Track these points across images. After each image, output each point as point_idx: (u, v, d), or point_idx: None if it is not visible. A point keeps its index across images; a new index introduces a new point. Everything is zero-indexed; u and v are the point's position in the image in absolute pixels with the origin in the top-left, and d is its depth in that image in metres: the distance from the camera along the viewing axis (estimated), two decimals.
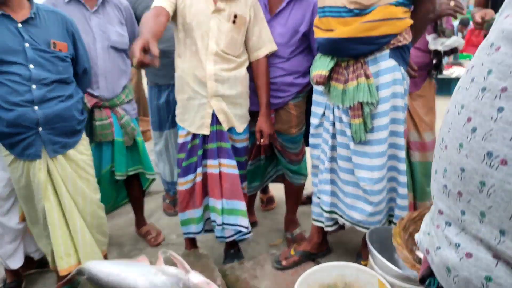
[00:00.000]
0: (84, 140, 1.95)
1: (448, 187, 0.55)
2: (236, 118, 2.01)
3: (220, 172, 2.03)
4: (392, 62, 1.68)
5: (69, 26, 1.83)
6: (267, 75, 2.07)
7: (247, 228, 2.06)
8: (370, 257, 1.75)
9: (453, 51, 2.11)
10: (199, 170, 2.03)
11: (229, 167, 2.02)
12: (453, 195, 0.54)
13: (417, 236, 0.65)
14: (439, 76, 2.34)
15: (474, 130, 0.52)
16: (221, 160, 2.02)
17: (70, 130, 1.83)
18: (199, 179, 2.04)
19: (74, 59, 1.87)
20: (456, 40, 2.04)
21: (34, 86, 1.70)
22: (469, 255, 0.51)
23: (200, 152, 2.02)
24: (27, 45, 1.69)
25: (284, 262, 2.12)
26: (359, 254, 2.18)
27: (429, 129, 2.19)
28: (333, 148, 1.89)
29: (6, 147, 1.75)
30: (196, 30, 1.88)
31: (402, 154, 1.80)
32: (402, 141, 1.78)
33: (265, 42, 2.03)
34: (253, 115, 2.13)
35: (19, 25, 1.69)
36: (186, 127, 2.02)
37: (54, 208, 1.84)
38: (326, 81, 1.77)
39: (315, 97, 1.96)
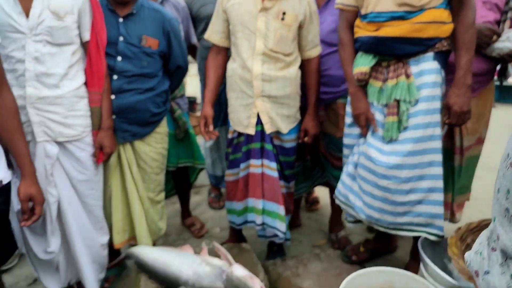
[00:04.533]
0: (158, 133, 2.01)
1: (510, 211, 0.48)
2: (282, 119, 1.97)
3: (262, 173, 2.02)
4: (435, 65, 1.67)
5: (166, 25, 1.91)
6: (318, 74, 2.03)
7: (283, 233, 2.02)
8: (421, 265, 1.67)
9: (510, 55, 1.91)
10: (243, 165, 2.04)
11: (269, 169, 2.00)
12: None
13: (467, 255, 0.59)
14: (504, 84, 2.16)
15: None
16: (264, 161, 2.01)
17: (142, 121, 1.91)
18: (242, 174, 2.05)
19: (167, 56, 1.96)
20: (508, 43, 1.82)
21: (115, 77, 1.81)
22: None
23: (244, 149, 2.02)
24: (121, 38, 1.81)
25: (354, 258, 2.14)
26: (406, 267, 2.05)
27: (471, 133, 2.04)
28: None
29: None
30: (243, 30, 1.88)
31: (438, 157, 1.71)
32: (438, 144, 1.70)
33: (319, 42, 2.00)
34: (301, 109, 2.09)
35: (120, 19, 1.83)
36: (233, 126, 2.04)
37: (118, 188, 1.95)
38: (367, 78, 1.77)
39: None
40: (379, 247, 2.20)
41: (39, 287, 2.13)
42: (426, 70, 1.67)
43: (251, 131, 1.97)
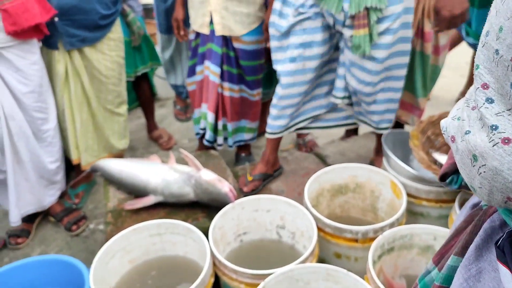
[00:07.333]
0: (111, 40, 1.84)
1: (500, 53, 0.43)
2: (240, 18, 1.81)
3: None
4: None
5: None
6: None
7: (215, 141, 2.12)
8: (384, 159, 1.73)
9: None
10: (198, 69, 1.97)
11: (211, 73, 1.92)
12: (505, 62, 0.42)
13: (443, 122, 0.57)
14: None
15: None
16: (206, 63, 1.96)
17: (91, 24, 1.73)
18: (199, 78, 1.99)
19: None
20: None
21: None
22: (506, 140, 0.42)
23: (200, 51, 1.93)
24: None
25: (245, 189, 1.93)
26: (371, 163, 2.14)
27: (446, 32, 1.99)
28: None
29: None
30: None
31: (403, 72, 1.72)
32: (408, 47, 1.67)
33: None
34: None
35: None
36: (191, 24, 1.92)
37: (72, 100, 1.84)
38: None
39: None
40: (265, 171, 2.00)
41: None
42: None
43: (206, 30, 1.86)
